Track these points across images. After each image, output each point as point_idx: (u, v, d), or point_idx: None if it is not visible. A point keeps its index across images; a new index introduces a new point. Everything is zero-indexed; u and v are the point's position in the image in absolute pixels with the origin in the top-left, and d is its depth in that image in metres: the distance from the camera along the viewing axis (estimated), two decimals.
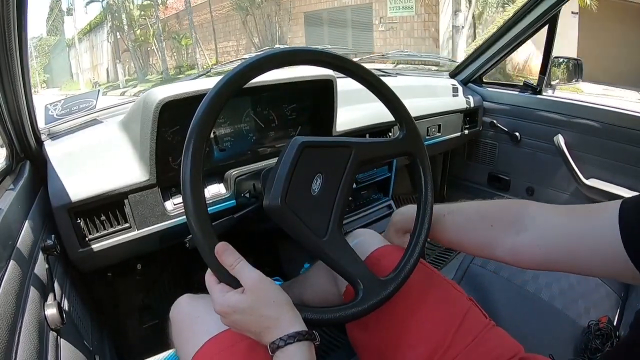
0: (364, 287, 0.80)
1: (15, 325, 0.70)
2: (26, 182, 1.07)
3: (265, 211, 0.82)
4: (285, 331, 0.69)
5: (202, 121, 0.72)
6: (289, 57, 0.83)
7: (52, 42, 40.67)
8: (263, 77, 0.82)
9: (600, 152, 1.90)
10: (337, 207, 0.84)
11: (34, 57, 40.33)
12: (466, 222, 0.97)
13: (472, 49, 2.34)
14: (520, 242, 0.85)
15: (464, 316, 0.91)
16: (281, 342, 0.68)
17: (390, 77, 2.23)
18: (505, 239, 0.88)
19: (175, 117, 1.19)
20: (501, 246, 0.89)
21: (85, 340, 1.12)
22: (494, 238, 0.90)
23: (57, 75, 40.35)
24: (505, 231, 0.88)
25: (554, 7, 1.82)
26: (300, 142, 0.84)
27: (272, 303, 0.72)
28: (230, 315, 0.73)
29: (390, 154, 0.98)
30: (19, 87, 0.98)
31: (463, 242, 0.98)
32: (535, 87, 2.14)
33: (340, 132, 1.56)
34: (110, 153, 1.25)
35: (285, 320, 0.71)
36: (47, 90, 44.01)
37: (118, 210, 1.20)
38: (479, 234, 0.93)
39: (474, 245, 0.96)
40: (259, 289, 0.72)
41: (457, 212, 0.99)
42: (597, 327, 1.14)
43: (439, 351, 0.86)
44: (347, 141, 0.90)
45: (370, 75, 0.94)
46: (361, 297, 0.80)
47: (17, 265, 0.80)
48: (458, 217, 0.98)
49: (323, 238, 0.81)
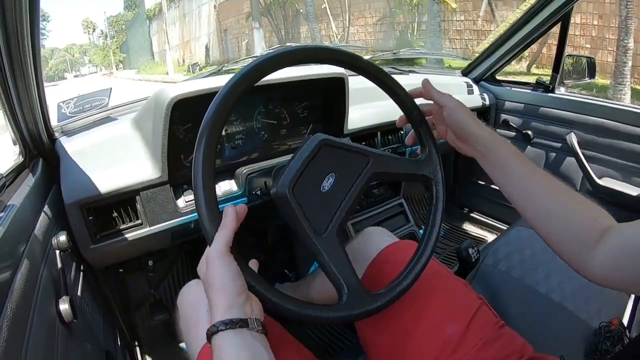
0: (349, 295, 0.78)
1: (27, 320, 0.71)
2: (39, 179, 1.08)
3: (272, 198, 0.82)
4: (222, 317, 0.65)
5: (214, 119, 0.72)
6: (301, 55, 0.83)
7: (129, 17, 36.91)
8: (275, 75, 0.82)
9: (613, 151, 1.88)
10: (342, 210, 0.83)
11: (109, 35, 37.27)
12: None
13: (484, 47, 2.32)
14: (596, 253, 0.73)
15: (474, 315, 0.90)
16: (213, 327, 0.65)
17: (402, 75, 2.22)
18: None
19: (188, 114, 1.20)
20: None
21: (96, 335, 1.13)
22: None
23: (135, 54, 37.17)
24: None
25: (566, 4, 1.81)
26: (321, 138, 0.84)
27: (218, 280, 0.68)
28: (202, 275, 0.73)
29: (405, 173, 0.95)
30: (31, 85, 0.99)
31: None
32: (547, 85, 2.12)
33: (351, 130, 1.56)
34: (122, 150, 1.26)
35: (223, 305, 0.67)
36: (122, 71, 41.77)
37: (130, 207, 1.20)
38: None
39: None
40: (210, 265, 0.69)
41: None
42: (608, 328, 1.13)
43: (447, 350, 0.86)
44: (366, 150, 0.89)
45: (402, 90, 0.93)
46: (342, 304, 0.78)
47: (30, 261, 0.80)
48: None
49: (320, 236, 0.80)
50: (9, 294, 0.67)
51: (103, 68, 57.86)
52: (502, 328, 0.91)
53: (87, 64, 67.92)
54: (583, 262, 0.74)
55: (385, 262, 1.03)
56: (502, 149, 0.85)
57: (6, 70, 0.88)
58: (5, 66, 0.87)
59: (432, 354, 0.87)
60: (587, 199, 0.79)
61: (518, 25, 2.01)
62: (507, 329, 0.92)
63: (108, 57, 52.87)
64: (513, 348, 0.87)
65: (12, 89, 0.93)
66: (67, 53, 72.64)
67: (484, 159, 0.88)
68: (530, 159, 0.84)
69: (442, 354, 0.86)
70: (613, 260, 0.70)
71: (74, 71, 67.52)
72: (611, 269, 0.71)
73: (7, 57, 0.86)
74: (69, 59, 70.43)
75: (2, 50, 0.83)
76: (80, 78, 53.17)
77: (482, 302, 0.96)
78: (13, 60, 0.88)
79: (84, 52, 69.92)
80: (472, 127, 0.88)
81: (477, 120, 0.89)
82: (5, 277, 0.69)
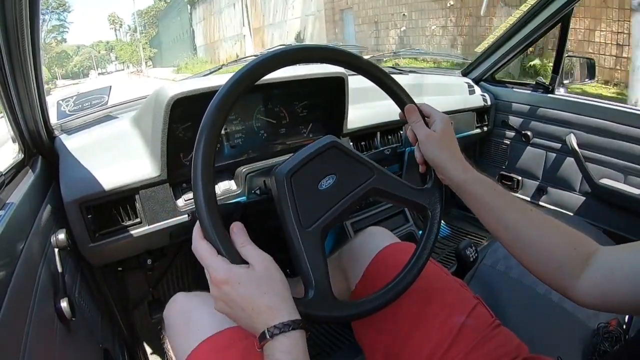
0: (314, 294, 0.77)
1: (25, 317, 0.71)
2: (38, 177, 1.08)
3: (270, 178, 0.84)
4: (284, 318, 0.64)
5: (214, 117, 0.72)
6: (301, 54, 0.83)
7: (161, 7, 32.17)
8: (275, 73, 0.82)
9: (613, 152, 1.88)
10: (332, 213, 0.83)
11: (137, 29, 32.66)
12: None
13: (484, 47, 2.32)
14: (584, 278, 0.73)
15: (469, 315, 0.91)
16: (276, 330, 0.63)
17: (402, 75, 2.22)
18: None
19: (187, 113, 1.19)
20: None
21: (95, 334, 1.13)
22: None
23: (168, 49, 32.16)
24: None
25: (566, 5, 1.81)
26: (333, 140, 0.86)
27: (280, 284, 0.68)
28: (228, 286, 0.67)
29: (405, 198, 0.93)
30: (31, 83, 0.99)
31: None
32: (547, 86, 2.12)
33: (351, 129, 1.56)
34: (122, 148, 1.26)
35: (286, 308, 0.66)
36: (153, 69, 36.76)
37: (129, 206, 1.20)
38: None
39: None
40: (269, 268, 0.69)
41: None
42: (607, 329, 1.13)
43: (440, 349, 0.86)
44: (373, 165, 0.90)
45: (407, 97, 0.93)
46: (306, 299, 0.77)
47: (28, 259, 0.81)
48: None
49: (304, 229, 0.80)
50: (8, 292, 0.67)
51: (131, 65, 54.54)
52: (497, 328, 0.91)
53: (114, 61, 65.34)
54: (569, 290, 0.75)
55: (382, 265, 1.04)
56: (476, 186, 0.85)
57: (6, 68, 0.88)
58: (4, 64, 0.87)
59: (425, 354, 0.87)
60: (567, 227, 0.79)
61: (518, 26, 2.02)
62: (502, 329, 0.92)
63: (137, 53, 49.70)
64: (507, 348, 0.87)
65: (12, 87, 0.93)
66: (92, 49, 69.83)
67: (459, 192, 0.88)
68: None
69: (435, 354, 0.86)
70: (598, 287, 0.71)
71: (100, 68, 64.86)
72: (597, 295, 0.71)
73: (6, 55, 0.86)
74: (94, 56, 67.49)
75: (1, 48, 0.83)
76: (105, 76, 50.38)
77: (479, 301, 0.96)
78: (13, 58, 0.88)
79: (110, 49, 67.35)
80: (444, 166, 0.88)
81: (454, 155, 0.89)
82: (4, 274, 0.69)
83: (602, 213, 1.98)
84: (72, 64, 64.15)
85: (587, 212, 2.05)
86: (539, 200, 2.26)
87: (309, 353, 0.66)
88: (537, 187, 2.27)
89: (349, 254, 1.14)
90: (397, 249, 1.06)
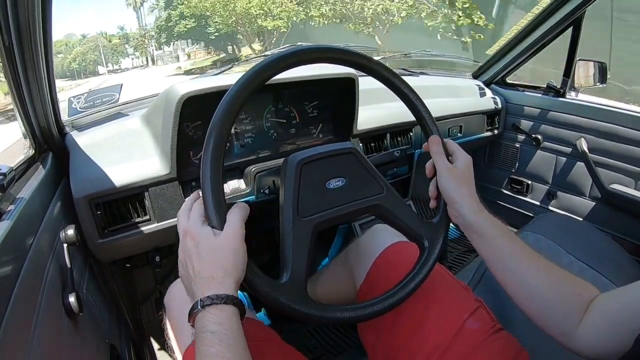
0: (287, 281, 0.76)
1: (33, 312, 0.72)
2: (48, 173, 1.09)
3: (283, 162, 0.86)
4: (220, 291, 0.64)
5: (224, 117, 0.72)
6: (312, 54, 0.83)
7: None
8: (285, 74, 0.83)
9: (623, 157, 1.87)
10: (331, 213, 0.84)
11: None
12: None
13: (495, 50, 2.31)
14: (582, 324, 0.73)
15: (468, 318, 0.91)
16: (208, 300, 0.63)
17: (413, 77, 2.22)
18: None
19: (197, 112, 1.20)
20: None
21: (102, 329, 1.14)
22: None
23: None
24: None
25: (579, 8, 1.80)
26: (352, 146, 0.88)
27: (233, 260, 0.67)
28: (191, 240, 0.70)
29: (406, 225, 0.90)
30: (43, 80, 1.00)
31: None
32: (558, 90, 2.10)
33: (361, 130, 1.56)
34: (132, 146, 1.27)
35: (226, 283, 0.66)
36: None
37: (138, 203, 1.21)
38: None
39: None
40: (234, 242, 0.68)
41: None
42: None
43: (437, 352, 0.87)
44: (386, 183, 0.91)
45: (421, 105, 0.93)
46: (277, 283, 0.76)
47: (37, 254, 0.81)
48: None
49: (299, 217, 0.81)
50: (17, 286, 0.67)
51: (161, 61, 44.01)
52: (496, 333, 0.91)
53: (131, 55, 51.55)
54: (569, 338, 0.74)
55: (386, 263, 1.04)
56: (489, 228, 0.84)
57: (18, 64, 0.89)
58: (17, 61, 0.88)
59: (424, 355, 0.88)
60: (570, 274, 0.78)
61: (530, 29, 2.01)
62: (502, 334, 0.92)
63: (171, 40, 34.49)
64: (505, 353, 0.87)
65: (24, 83, 0.94)
66: (102, 37, 53.25)
67: (468, 231, 0.87)
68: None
69: (432, 356, 0.87)
70: (597, 335, 0.71)
71: (111, 64, 52.04)
72: (596, 343, 0.71)
73: (19, 51, 0.87)
74: (102, 46, 52.10)
75: (14, 44, 0.84)
76: (119, 74, 41.73)
77: (480, 304, 0.96)
78: (25, 55, 0.89)
79: (127, 39, 51.97)
80: (460, 201, 0.86)
81: (471, 193, 0.87)
82: (13, 269, 0.70)
83: (612, 219, 1.96)
84: (70, 58, 51.75)
85: (596, 217, 2.03)
86: (549, 205, 2.25)
87: (314, 354, 0.65)
88: (547, 191, 2.25)
89: (356, 251, 1.15)
90: (401, 249, 1.06)
